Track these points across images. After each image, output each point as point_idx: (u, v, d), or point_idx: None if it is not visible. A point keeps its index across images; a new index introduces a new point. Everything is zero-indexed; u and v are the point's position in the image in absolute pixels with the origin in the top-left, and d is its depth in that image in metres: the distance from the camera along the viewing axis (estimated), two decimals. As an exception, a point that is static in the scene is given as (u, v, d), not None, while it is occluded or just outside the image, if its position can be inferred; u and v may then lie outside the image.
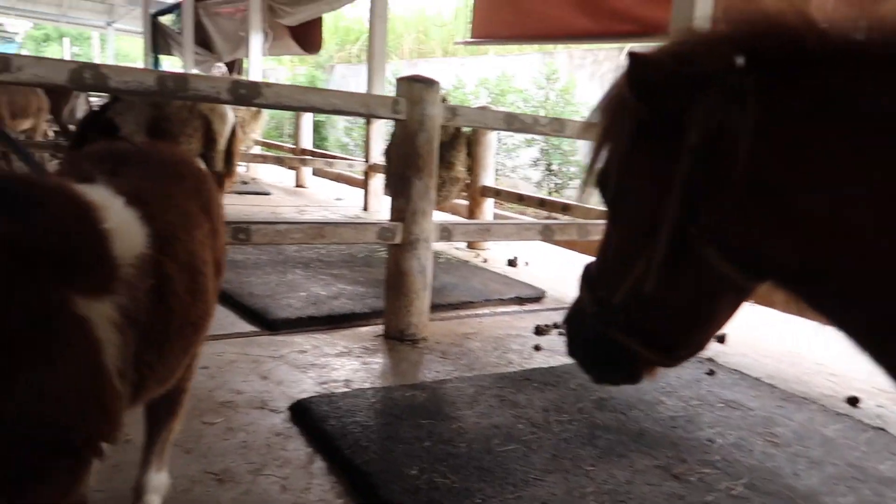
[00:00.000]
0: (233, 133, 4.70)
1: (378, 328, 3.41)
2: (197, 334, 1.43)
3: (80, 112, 7.72)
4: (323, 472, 2.03)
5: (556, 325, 3.72)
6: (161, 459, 1.68)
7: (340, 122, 13.75)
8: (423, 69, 12.98)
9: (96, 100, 7.31)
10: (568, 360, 3.10)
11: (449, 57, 13.03)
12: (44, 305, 0.96)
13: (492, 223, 3.57)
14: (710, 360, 3.22)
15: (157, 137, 3.98)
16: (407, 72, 12.90)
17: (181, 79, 2.45)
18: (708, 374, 3.04)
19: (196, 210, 1.47)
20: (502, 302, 4.17)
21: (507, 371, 2.96)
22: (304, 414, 2.33)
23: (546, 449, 2.21)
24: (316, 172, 9.71)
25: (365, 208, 7.47)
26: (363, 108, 2.96)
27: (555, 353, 3.31)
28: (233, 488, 1.89)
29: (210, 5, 11.84)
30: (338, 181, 10.03)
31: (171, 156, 1.60)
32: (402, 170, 3.14)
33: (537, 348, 3.35)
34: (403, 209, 3.15)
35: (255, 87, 2.63)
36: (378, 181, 7.42)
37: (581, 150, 8.82)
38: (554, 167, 8.99)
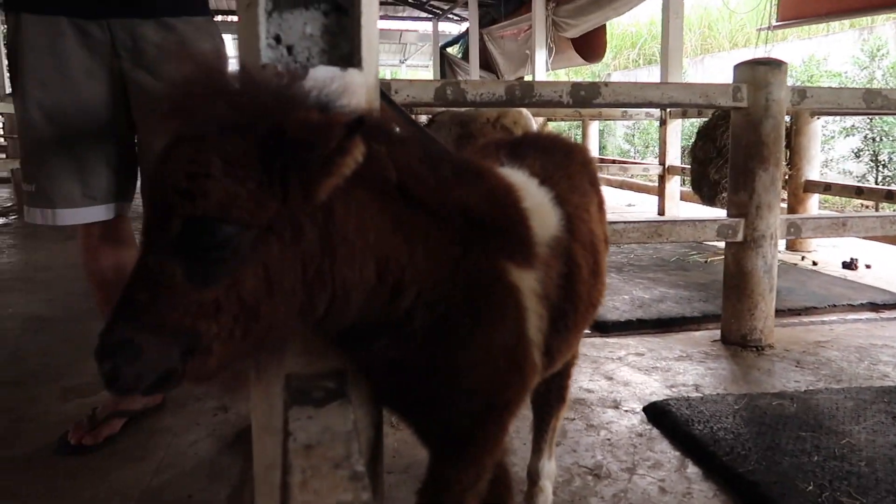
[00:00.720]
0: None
1: (712, 333, 3.20)
2: (594, 315, 1.42)
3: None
4: (699, 477, 1.92)
5: (932, 335, 3.14)
6: (551, 447, 1.72)
7: (619, 128, 13.51)
8: (711, 66, 12.20)
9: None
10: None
11: (738, 49, 12.03)
12: (490, 269, 0.99)
13: (849, 216, 3.13)
14: None
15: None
16: (693, 70, 12.24)
17: (528, 86, 2.56)
18: None
19: (587, 186, 1.47)
20: (852, 308, 3.64)
21: (886, 385, 2.55)
22: (663, 416, 2.24)
23: (975, 478, 1.83)
24: (602, 182, 9.62)
25: (661, 213, 7.18)
26: (702, 98, 2.80)
27: (941, 367, 2.79)
28: (611, 485, 1.87)
29: (494, 30, 12.52)
30: (622, 188, 9.83)
31: (557, 138, 1.64)
32: (743, 161, 2.90)
33: (916, 361, 2.84)
34: (746, 203, 2.91)
35: (593, 87, 2.64)
36: (675, 184, 7.09)
37: (920, 135, 7.48)
38: (883, 157, 7.73)
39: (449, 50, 15.66)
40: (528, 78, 11.90)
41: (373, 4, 1.06)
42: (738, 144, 2.93)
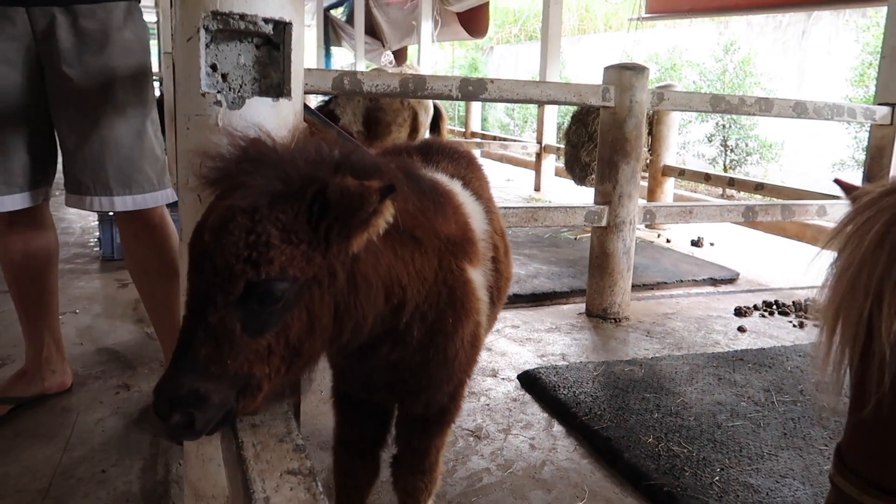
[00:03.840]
0: (441, 120, 5.02)
1: (579, 306, 3.58)
2: (509, 288, 1.67)
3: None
4: (563, 434, 2.25)
5: (755, 307, 3.70)
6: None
7: (501, 104, 13.96)
8: (587, 45, 12.85)
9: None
10: (779, 343, 3.11)
11: (613, 31, 12.76)
12: (457, 272, 1.20)
13: (694, 205, 3.60)
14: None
15: (372, 127, 4.39)
16: (570, 49, 12.80)
17: (420, 80, 2.74)
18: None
19: (485, 183, 1.72)
20: (696, 283, 4.18)
21: (715, 351, 3.02)
22: (534, 383, 2.57)
23: (774, 427, 2.28)
24: (483, 154, 10.01)
25: (537, 188, 7.64)
26: (576, 97, 3.11)
27: (760, 335, 3.31)
28: (489, 444, 2.16)
29: (380, -4, 12.44)
30: (501, 161, 10.28)
31: (454, 144, 1.86)
32: (609, 155, 3.26)
33: (741, 330, 3.36)
34: (610, 193, 3.28)
35: (480, 83, 2.87)
36: (550, 162, 7.56)
37: (763, 123, 8.39)
38: (731, 142, 8.62)
39: (333, 12, 15.35)
40: (412, 48, 12.00)
41: (300, 41, 1.22)
42: (605, 140, 3.28)
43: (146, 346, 2.58)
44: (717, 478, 1.95)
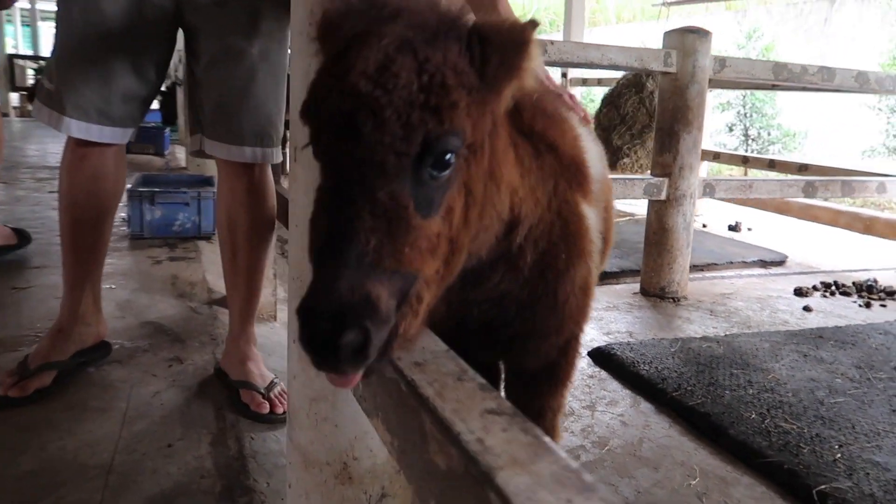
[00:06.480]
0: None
1: (631, 286, 3.41)
2: (609, 252, 1.50)
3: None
4: (652, 411, 2.07)
5: (815, 288, 3.53)
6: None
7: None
8: (599, 38, 12.69)
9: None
10: (850, 322, 2.94)
11: (625, 23, 12.60)
12: (572, 203, 1.02)
13: (755, 179, 3.43)
14: None
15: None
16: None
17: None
18: None
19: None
20: (745, 265, 4.02)
21: (789, 329, 2.85)
22: (609, 359, 2.39)
23: (879, 404, 2.10)
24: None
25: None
26: (637, 61, 2.93)
27: (828, 314, 3.15)
28: (578, 420, 1.98)
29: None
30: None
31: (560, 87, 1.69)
32: (670, 124, 3.09)
33: (807, 309, 3.19)
34: (670, 164, 3.11)
35: (539, 44, 2.69)
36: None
37: (784, 112, 8.23)
38: (752, 132, 8.46)
39: None
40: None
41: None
42: (665, 108, 3.11)
43: (192, 320, 2.40)
44: (839, 455, 1.77)
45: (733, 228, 5.14)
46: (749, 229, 5.19)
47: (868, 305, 3.31)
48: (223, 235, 1.88)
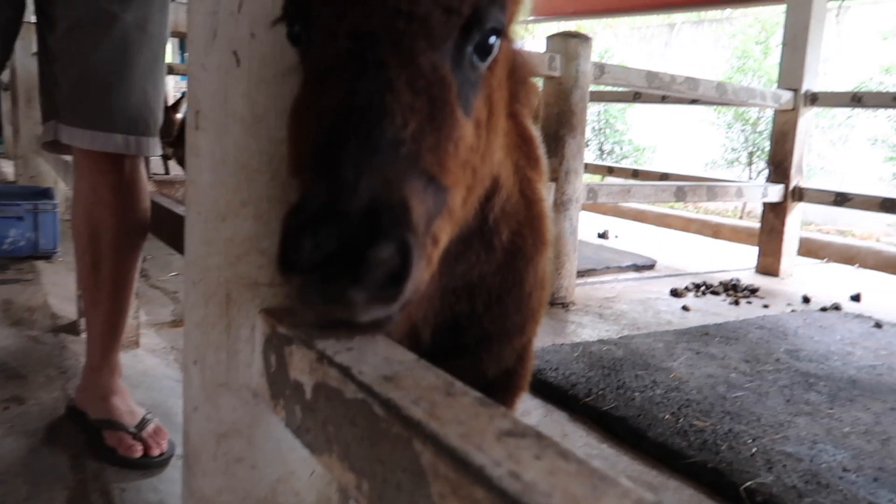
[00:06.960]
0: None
1: (519, 294, 3.36)
2: None
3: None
4: (567, 420, 1.98)
5: (687, 289, 3.68)
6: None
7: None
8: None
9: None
10: (726, 319, 3.06)
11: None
12: (535, 188, 0.96)
13: (633, 184, 3.53)
14: (869, 316, 3.18)
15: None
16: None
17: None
18: (875, 327, 3.00)
19: None
20: (621, 269, 4.13)
21: (676, 328, 2.91)
22: (514, 368, 2.28)
23: (774, 395, 2.16)
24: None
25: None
26: (524, 64, 2.89)
27: (705, 312, 3.27)
28: (493, 435, 1.84)
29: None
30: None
31: None
32: (555, 129, 3.08)
33: (686, 309, 3.30)
34: (556, 169, 3.09)
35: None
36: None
37: (634, 128, 8.75)
38: (606, 147, 8.92)
39: None
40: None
41: None
42: (550, 113, 3.10)
43: (34, 351, 2.00)
44: (754, 449, 1.76)
45: (602, 236, 5.32)
46: (616, 236, 5.40)
47: (737, 303, 3.49)
48: (81, 244, 1.54)
